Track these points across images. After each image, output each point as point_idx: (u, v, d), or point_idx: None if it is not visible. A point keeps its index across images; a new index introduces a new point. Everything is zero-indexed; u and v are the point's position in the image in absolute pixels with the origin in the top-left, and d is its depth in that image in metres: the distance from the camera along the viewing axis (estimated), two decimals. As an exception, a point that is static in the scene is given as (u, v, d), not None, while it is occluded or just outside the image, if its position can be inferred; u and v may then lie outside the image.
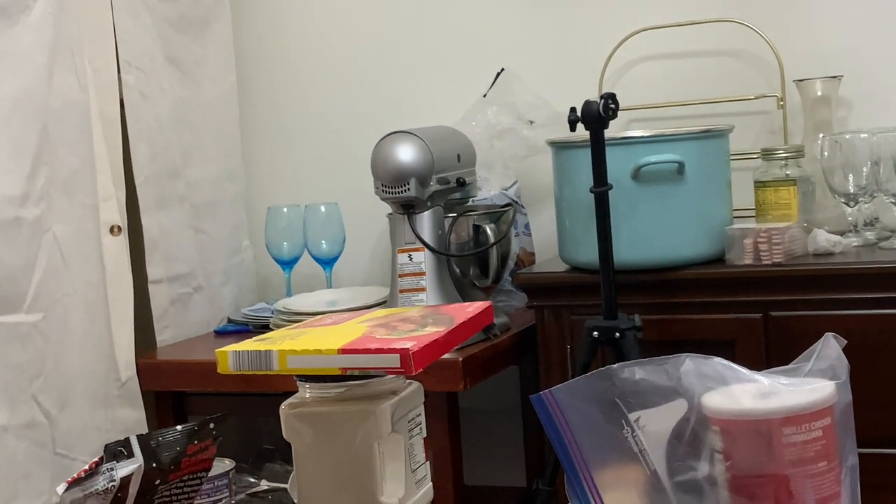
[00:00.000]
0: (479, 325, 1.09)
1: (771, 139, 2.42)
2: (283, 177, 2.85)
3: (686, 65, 2.51)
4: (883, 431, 1.95)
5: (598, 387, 0.88)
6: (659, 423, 0.87)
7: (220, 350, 1.00)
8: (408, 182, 2.15)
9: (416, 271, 2.19)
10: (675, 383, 0.87)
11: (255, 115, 2.84)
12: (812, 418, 0.86)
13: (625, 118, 2.44)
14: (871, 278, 1.99)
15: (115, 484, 0.91)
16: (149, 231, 2.39)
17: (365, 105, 2.75)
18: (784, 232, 2.06)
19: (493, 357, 2.19)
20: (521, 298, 2.35)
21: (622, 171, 2.04)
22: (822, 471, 0.86)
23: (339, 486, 1.00)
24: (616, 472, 0.89)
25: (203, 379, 2.27)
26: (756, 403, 0.87)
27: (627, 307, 1.98)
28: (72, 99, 2.22)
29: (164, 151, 2.44)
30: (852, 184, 2.14)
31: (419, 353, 0.94)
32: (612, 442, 0.87)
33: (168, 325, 2.44)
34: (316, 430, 1.01)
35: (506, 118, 2.50)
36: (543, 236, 2.53)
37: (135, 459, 0.93)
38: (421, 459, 1.06)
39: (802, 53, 2.39)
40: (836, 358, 0.91)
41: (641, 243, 2.08)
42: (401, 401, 1.02)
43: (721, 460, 0.86)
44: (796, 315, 2.01)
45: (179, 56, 2.52)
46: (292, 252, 2.62)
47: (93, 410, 2.23)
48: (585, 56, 2.54)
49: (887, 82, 2.38)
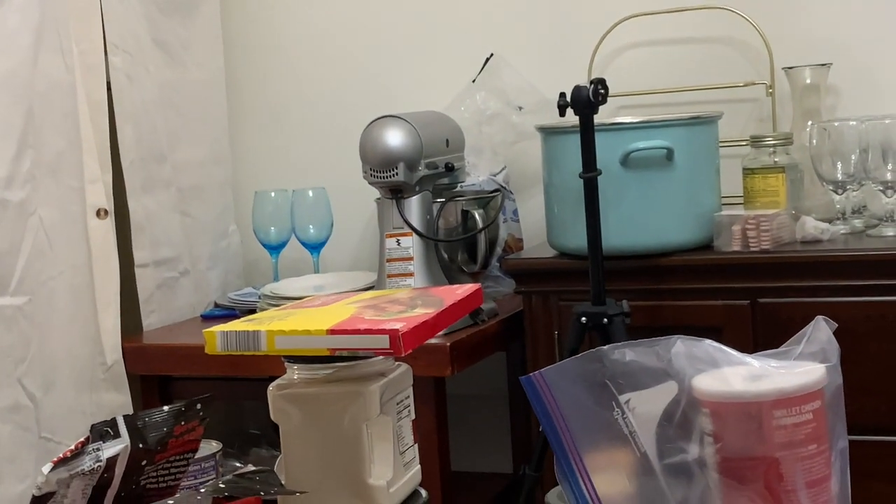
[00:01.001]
0: (468, 307, 1.08)
1: (760, 126, 2.41)
2: (270, 161, 2.83)
3: (676, 51, 2.51)
4: (870, 418, 1.96)
5: (588, 368, 0.87)
6: (649, 405, 0.87)
7: (207, 330, 0.99)
8: (396, 167, 2.14)
9: (403, 256, 2.18)
10: (666, 365, 0.87)
11: (243, 98, 2.82)
12: (802, 401, 0.86)
13: (614, 105, 2.43)
14: (859, 266, 1.99)
15: (101, 464, 0.90)
16: (135, 214, 2.38)
17: (354, 90, 2.74)
18: (772, 219, 2.06)
19: (481, 342, 2.19)
20: (510, 284, 2.35)
21: (611, 157, 2.04)
22: (811, 454, 0.86)
23: (326, 467, 1.00)
24: (606, 454, 0.88)
25: (189, 363, 2.26)
26: (746, 386, 0.87)
27: (616, 293, 1.98)
28: (58, 80, 2.20)
29: (150, 134, 2.43)
30: (840, 171, 2.14)
31: (408, 334, 0.94)
32: (602, 423, 0.87)
33: (154, 310, 2.43)
34: (304, 411, 1.00)
35: (495, 103, 2.50)
36: (532, 222, 2.52)
37: (121, 440, 0.92)
38: (409, 442, 1.06)
39: (792, 41, 2.38)
40: (827, 341, 0.91)
41: (630, 229, 2.08)
42: (389, 382, 1.02)
43: (711, 442, 0.86)
44: (784, 302, 2.01)
45: (166, 39, 2.50)
46: (280, 237, 2.61)
47: (78, 394, 2.22)
48: (575, 42, 2.54)
49: (876, 70, 2.37)
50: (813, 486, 0.86)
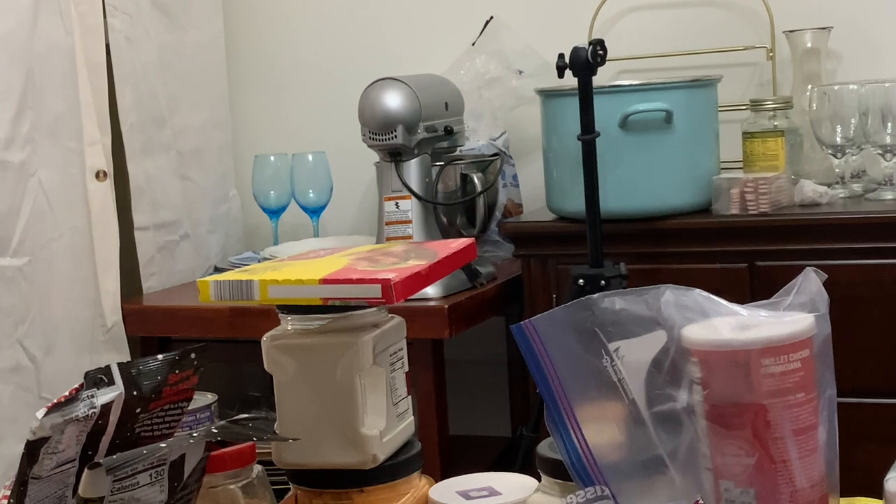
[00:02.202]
0: (461, 260, 1.09)
1: (760, 91, 2.41)
2: (270, 125, 2.83)
3: (676, 15, 2.50)
4: (867, 380, 1.97)
5: (578, 316, 0.87)
6: (638, 353, 0.87)
7: (201, 280, 1.00)
8: (395, 129, 2.14)
9: (402, 219, 2.18)
10: (655, 313, 0.87)
11: (243, 62, 2.82)
12: (790, 350, 0.86)
13: (614, 69, 2.43)
14: (857, 229, 2.00)
15: (95, 411, 0.91)
16: (135, 178, 2.38)
17: (353, 53, 2.74)
18: (771, 182, 2.06)
19: (479, 305, 2.20)
20: (508, 249, 2.35)
21: (610, 119, 2.04)
22: (799, 402, 0.86)
23: (320, 417, 1.00)
24: (595, 403, 0.89)
25: (189, 325, 2.27)
26: (735, 334, 0.87)
27: (613, 256, 1.98)
28: (57, 42, 2.20)
29: (149, 97, 2.42)
30: (840, 135, 2.14)
31: (401, 283, 0.94)
32: (592, 371, 0.87)
33: (154, 273, 2.44)
34: (297, 361, 1.01)
35: (495, 67, 2.49)
36: (531, 188, 2.52)
37: (115, 387, 0.93)
38: (403, 393, 1.07)
39: (792, 4, 2.38)
40: (817, 292, 0.91)
41: (628, 192, 2.08)
42: (382, 334, 1.02)
43: (699, 390, 0.87)
44: (782, 265, 2.01)
45: (165, 1, 2.49)
46: (279, 201, 2.61)
47: (78, 355, 2.23)
48: (575, 6, 2.53)
49: (877, 34, 2.37)
50: (800, 434, 0.86)
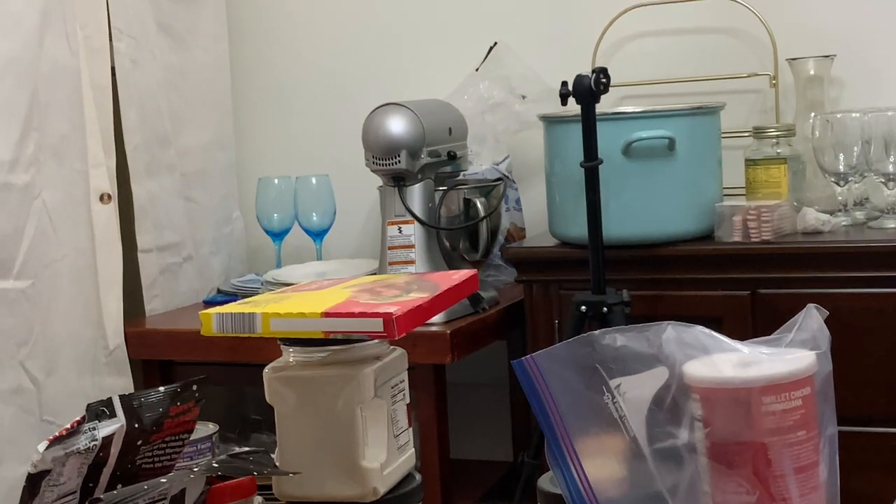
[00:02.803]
0: (464, 292, 1.09)
1: (763, 118, 2.41)
2: (274, 147, 2.84)
3: (679, 42, 2.51)
4: (865, 409, 1.96)
5: (580, 353, 0.88)
6: (639, 390, 0.87)
7: (203, 312, 1.00)
8: (399, 154, 2.15)
9: (405, 244, 2.19)
10: (657, 350, 0.87)
11: (248, 84, 2.83)
12: (792, 387, 0.86)
13: (617, 94, 2.44)
14: (860, 257, 1.99)
15: (96, 443, 0.91)
16: (139, 199, 2.39)
17: (358, 77, 2.75)
18: (773, 210, 2.06)
19: (481, 330, 2.20)
20: (511, 273, 2.35)
21: (613, 146, 2.04)
22: (800, 440, 0.86)
23: (321, 449, 1.00)
24: (596, 439, 0.89)
25: (191, 348, 2.27)
26: (736, 372, 0.87)
27: (616, 282, 1.98)
28: (62, 64, 2.21)
29: (154, 119, 2.43)
30: (843, 163, 2.14)
31: (402, 317, 0.94)
32: (593, 408, 0.87)
33: (157, 295, 2.44)
34: (299, 393, 1.01)
35: (498, 92, 2.50)
36: (534, 212, 2.53)
37: (117, 419, 0.93)
38: (404, 425, 1.07)
39: (796, 32, 2.38)
40: (818, 329, 0.91)
41: (631, 219, 2.08)
42: (384, 366, 1.02)
43: (700, 427, 0.87)
44: (784, 293, 2.01)
45: (171, 23, 2.51)
46: (283, 223, 2.62)
47: (80, 377, 2.23)
48: (579, 31, 2.54)
49: (880, 63, 2.37)
50: (801, 472, 0.86)
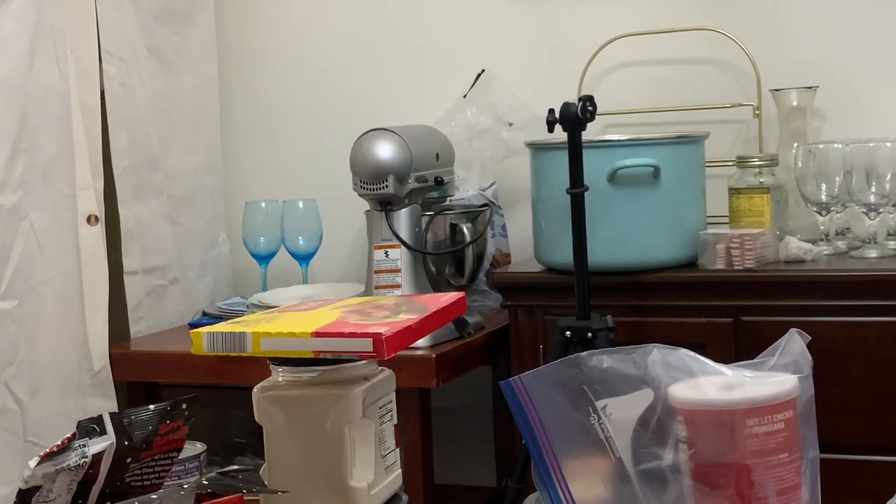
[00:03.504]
0: (451, 314, 1.10)
1: (746, 147, 2.44)
2: (261, 171, 2.85)
3: (664, 72, 2.54)
4: (847, 437, 1.98)
5: (567, 374, 0.89)
6: (625, 411, 0.89)
7: (194, 331, 1.01)
8: (386, 179, 2.16)
9: (391, 268, 2.20)
10: (642, 372, 0.89)
11: (236, 108, 2.84)
12: (774, 410, 0.88)
13: (603, 123, 2.46)
14: (841, 286, 2.02)
15: (86, 460, 0.92)
16: (126, 222, 2.40)
17: (345, 102, 2.76)
18: (756, 238, 2.08)
19: (466, 355, 2.21)
20: (496, 299, 2.37)
21: (598, 173, 2.06)
22: (783, 462, 0.88)
23: (309, 469, 1.01)
24: (582, 459, 0.90)
25: (176, 370, 2.28)
26: (720, 394, 0.89)
27: (600, 308, 2.00)
28: (52, 87, 2.22)
29: (142, 142, 2.44)
30: (825, 193, 2.17)
31: (392, 338, 0.96)
32: (579, 428, 0.89)
33: (143, 317, 2.45)
34: (287, 413, 1.02)
35: (485, 119, 2.52)
36: (520, 238, 2.54)
37: (107, 437, 0.94)
38: (391, 446, 1.08)
39: (779, 63, 2.41)
40: (800, 353, 0.93)
41: (616, 245, 2.10)
42: (372, 386, 1.03)
43: (685, 449, 0.88)
44: (766, 320, 2.03)
45: (161, 47, 2.52)
46: (269, 247, 2.63)
47: (65, 399, 2.23)
48: (566, 60, 2.56)
49: (862, 94, 2.41)
50: (783, 494, 0.88)
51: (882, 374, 1.98)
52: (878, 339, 1.98)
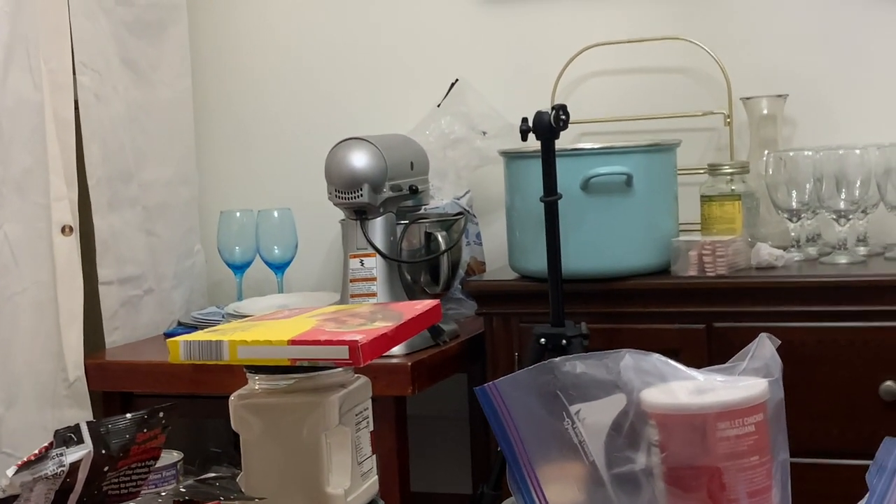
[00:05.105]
0: (427, 322, 1.11)
1: (717, 155, 2.47)
2: (236, 181, 2.86)
3: (637, 81, 2.56)
4: (819, 441, 2.00)
5: (541, 379, 0.90)
6: (598, 416, 0.90)
7: (171, 340, 1.01)
8: (361, 188, 2.17)
9: (367, 276, 2.21)
10: (615, 377, 0.90)
11: (210, 119, 2.85)
12: (745, 414, 0.89)
13: (576, 131, 2.48)
14: (812, 292, 2.04)
15: (64, 469, 0.92)
16: (100, 232, 2.39)
17: (320, 112, 2.77)
18: (728, 245, 2.10)
19: (442, 363, 2.22)
20: (471, 307, 2.38)
21: (572, 182, 2.08)
22: (754, 465, 0.89)
23: (286, 476, 1.02)
24: (556, 464, 0.91)
25: (151, 380, 2.28)
26: (692, 398, 0.90)
27: (575, 315, 2.01)
28: (26, 98, 2.22)
29: (117, 153, 2.44)
30: (795, 200, 2.19)
31: (367, 345, 0.96)
32: (553, 433, 0.90)
33: (118, 327, 2.44)
34: (264, 420, 1.03)
35: (459, 128, 2.54)
36: (494, 246, 2.56)
37: (84, 446, 0.94)
38: (367, 453, 1.08)
39: (749, 72, 2.44)
40: (770, 357, 0.94)
41: (589, 253, 2.11)
42: (348, 394, 1.04)
43: (657, 453, 0.89)
44: (739, 326, 2.05)
45: (135, 58, 2.52)
46: (244, 256, 2.63)
47: (40, 410, 2.22)
48: (538, 69, 2.58)
49: (831, 102, 2.43)
50: (754, 496, 0.89)
51: (852, 379, 2.00)
52: (849, 344, 2.01)
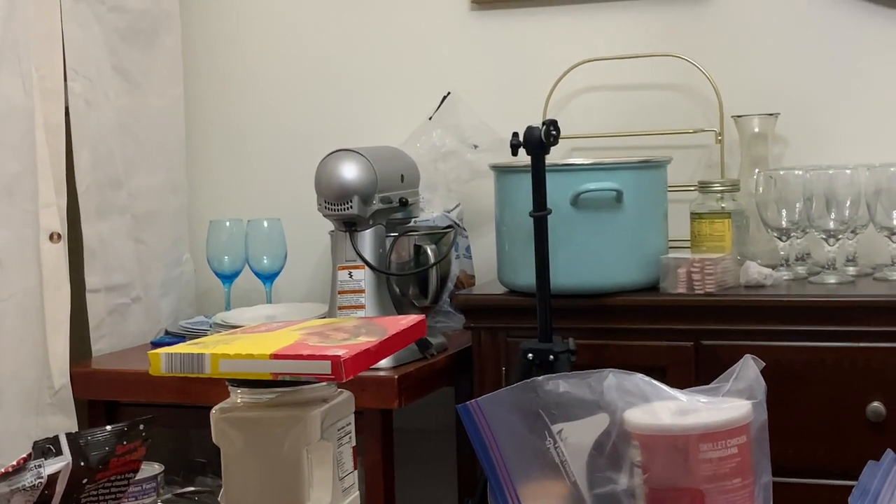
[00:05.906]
0: (411, 337, 1.11)
1: (708, 172, 2.47)
2: (226, 191, 2.85)
3: (628, 97, 2.56)
4: (806, 461, 1.99)
5: (523, 398, 0.90)
6: (581, 436, 0.90)
7: (152, 352, 1.01)
8: (350, 200, 2.17)
9: (355, 288, 2.20)
10: (598, 397, 0.90)
11: (201, 128, 2.84)
12: (728, 435, 0.89)
13: (567, 147, 2.48)
14: (800, 311, 2.04)
15: (42, 481, 0.91)
16: (88, 240, 2.39)
17: (311, 123, 2.77)
18: (717, 263, 2.10)
19: (429, 376, 2.21)
20: (460, 320, 2.37)
21: (562, 197, 2.08)
22: (736, 487, 0.89)
23: (266, 491, 1.01)
24: (538, 483, 0.91)
25: (137, 389, 2.27)
26: (675, 420, 0.90)
27: (562, 331, 2.01)
28: (16, 104, 2.21)
29: (107, 160, 2.44)
30: (785, 219, 2.19)
31: (350, 360, 0.96)
32: (535, 452, 0.89)
33: (104, 335, 2.43)
34: (245, 435, 1.02)
35: (450, 141, 2.54)
36: (483, 260, 2.55)
37: (63, 457, 0.94)
38: (349, 468, 1.08)
39: (741, 90, 2.44)
40: (754, 378, 0.94)
41: (578, 269, 2.11)
42: (331, 409, 1.04)
43: (640, 473, 0.89)
44: (726, 344, 2.05)
45: (126, 66, 2.52)
46: (233, 266, 2.62)
47: (24, 417, 2.21)
48: (530, 84, 2.58)
49: (822, 122, 2.44)
50: (736, 519, 0.89)
51: (839, 399, 2.00)
52: (836, 365, 2.00)
